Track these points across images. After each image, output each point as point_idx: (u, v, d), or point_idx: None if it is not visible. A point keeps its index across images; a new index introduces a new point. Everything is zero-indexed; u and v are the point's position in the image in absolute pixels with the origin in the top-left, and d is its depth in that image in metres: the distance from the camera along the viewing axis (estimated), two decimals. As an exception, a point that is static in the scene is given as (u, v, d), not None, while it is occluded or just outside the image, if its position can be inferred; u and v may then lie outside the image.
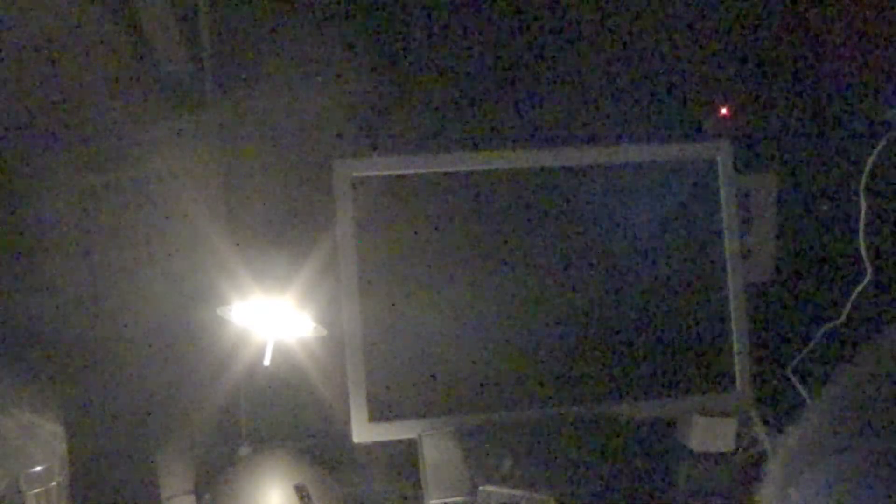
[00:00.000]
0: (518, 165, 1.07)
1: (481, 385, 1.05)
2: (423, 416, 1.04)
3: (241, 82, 1.12)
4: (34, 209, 1.06)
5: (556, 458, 1.02)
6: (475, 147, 1.15)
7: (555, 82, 1.20)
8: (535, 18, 1.18)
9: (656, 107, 1.22)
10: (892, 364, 0.34)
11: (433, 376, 1.04)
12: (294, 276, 0.95)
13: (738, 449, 1.13)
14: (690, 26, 1.21)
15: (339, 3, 1.13)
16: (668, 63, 1.22)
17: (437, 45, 1.16)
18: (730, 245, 1.10)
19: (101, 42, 1.03)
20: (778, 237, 1.26)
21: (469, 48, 1.17)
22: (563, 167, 1.08)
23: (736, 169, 1.12)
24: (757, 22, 1.23)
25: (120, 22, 1.03)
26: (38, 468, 0.89)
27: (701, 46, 1.22)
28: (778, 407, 1.15)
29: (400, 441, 1.04)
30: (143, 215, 1.10)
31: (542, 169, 1.08)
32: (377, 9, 1.14)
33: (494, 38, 1.17)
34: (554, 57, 1.19)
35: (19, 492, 0.88)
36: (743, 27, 1.22)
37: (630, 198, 1.09)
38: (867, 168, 1.14)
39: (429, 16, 1.15)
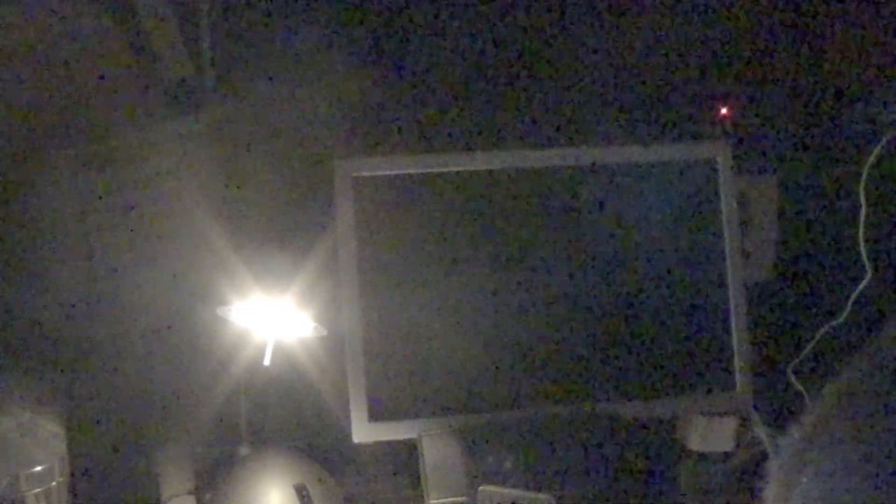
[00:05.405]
0: (518, 165, 1.07)
1: (481, 385, 1.05)
2: (423, 416, 1.04)
3: (242, 82, 1.12)
4: (34, 209, 1.06)
5: (556, 458, 1.02)
6: (475, 147, 1.15)
7: (555, 82, 1.20)
8: (535, 18, 1.18)
9: (656, 107, 1.22)
10: (891, 359, 0.34)
11: (433, 376, 1.04)
12: (294, 276, 0.95)
13: (738, 449, 1.12)
14: (690, 26, 1.21)
15: (338, 3, 1.13)
16: (667, 63, 1.21)
17: (436, 44, 1.16)
18: (730, 245, 1.11)
19: (102, 42, 1.03)
20: (778, 237, 1.26)
21: (469, 48, 1.17)
22: (563, 167, 1.08)
23: (736, 169, 1.12)
24: (756, 23, 1.23)
25: (121, 22, 1.03)
26: (38, 468, 0.89)
27: (700, 47, 1.22)
28: (778, 407, 1.15)
29: (400, 441, 1.04)
30: (143, 215, 1.09)
31: (543, 169, 1.08)
32: (376, 9, 1.14)
33: (494, 37, 1.17)
34: (554, 57, 1.19)
35: (19, 492, 0.88)
36: (742, 28, 1.22)
37: (630, 198, 1.09)
38: (867, 168, 1.14)
39: (428, 15, 1.15)
